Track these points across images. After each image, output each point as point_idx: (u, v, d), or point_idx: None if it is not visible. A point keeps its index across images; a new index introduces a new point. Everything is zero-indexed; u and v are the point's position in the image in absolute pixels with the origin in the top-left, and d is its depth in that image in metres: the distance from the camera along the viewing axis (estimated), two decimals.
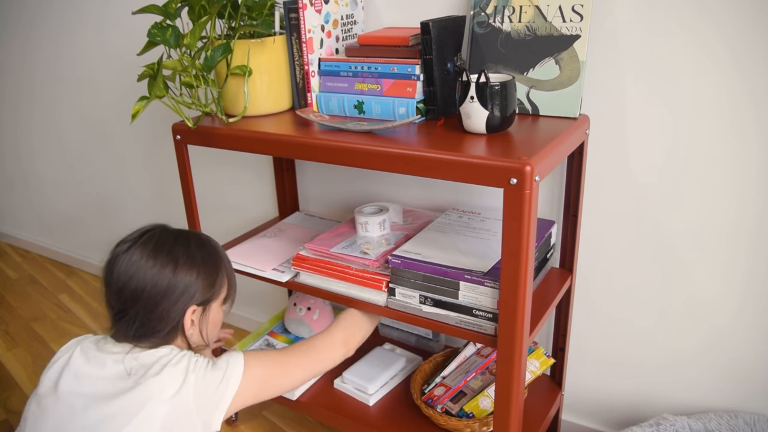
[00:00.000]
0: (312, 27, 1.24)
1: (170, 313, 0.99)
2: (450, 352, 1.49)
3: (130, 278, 0.97)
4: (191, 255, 1.02)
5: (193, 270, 1.01)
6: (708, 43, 1.09)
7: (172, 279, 0.98)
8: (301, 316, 1.58)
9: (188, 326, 1.02)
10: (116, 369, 0.96)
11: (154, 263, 0.98)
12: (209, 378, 0.98)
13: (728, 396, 1.29)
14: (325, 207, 1.72)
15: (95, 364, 0.97)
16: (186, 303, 1.00)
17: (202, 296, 1.03)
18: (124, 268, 0.98)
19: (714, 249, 1.21)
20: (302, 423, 1.69)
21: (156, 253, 0.99)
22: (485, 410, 1.29)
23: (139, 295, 0.97)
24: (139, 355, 0.97)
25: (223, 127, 1.25)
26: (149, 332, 0.99)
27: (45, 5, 2.24)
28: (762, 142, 1.11)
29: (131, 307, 0.98)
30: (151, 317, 0.98)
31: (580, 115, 1.16)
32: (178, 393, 0.93)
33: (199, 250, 1.04)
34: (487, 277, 1.07)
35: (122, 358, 0.96)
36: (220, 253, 1.09)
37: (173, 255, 1.00)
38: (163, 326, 0.99)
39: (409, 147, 1.02)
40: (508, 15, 1.18)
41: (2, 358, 2.10)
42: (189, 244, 1.03)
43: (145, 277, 0.97)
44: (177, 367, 0.96)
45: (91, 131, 2.35)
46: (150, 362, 0.96)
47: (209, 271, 1.04)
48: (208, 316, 1.06)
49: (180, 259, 1.00)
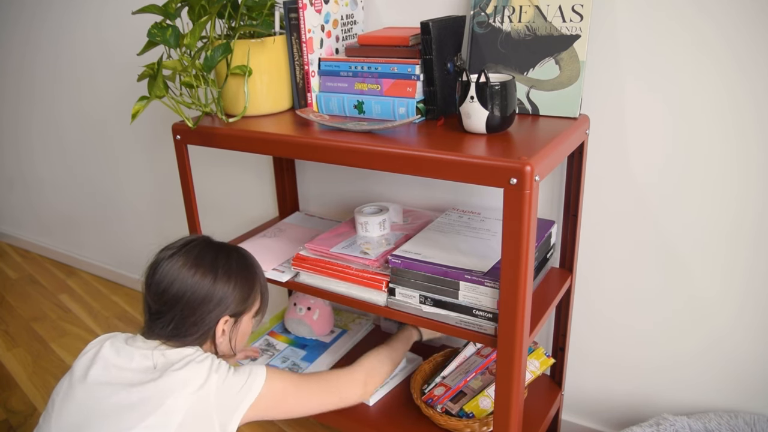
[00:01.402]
0: (312, 27, 1.24)
1: (204, 320, 1.04)
2: (450, 352, 1.49)
3: (171, 283, 1.02)
4: (230, 268, 1.07)
5: (230, 282, 1.06)
6: (708, 43, 1.09)
7: (211, 289, 1.04)
8: (301, 316, 1.58)
9: (219, 335, 1.07)
10: (144, 363, 1.00)
11: (196, 272, 1.03)
12: (231, 380, 1.01)
13: (728, 396, 1.29)
14: (325, 207, 1.72)
15: (124, 357, 1.01)
16: (220, 313, 1.05)
17: (235, 308, 1.08)
18: (167, 272, 1.03)
19: (714, 249, 1.21)
20: (302, 423, 1.69)
21: (198, 262, 1.04)
22: (485, 410, 1.29)
23: (178, 300, 1.02)
24: (165, 351, 1.02)
25: (223, 127, 1.25)
26: (181, 334, 1.04)
27: (45, 5, 2.24)
28: (762, 142, 1.11)
29: (169, 310, 1.03)
30: (186, 322, 1.03)
31: (580, 115, 1.16)
32: (201, 389, 0.97)
33: (238, 264, 1.09)
34: (487, 277, 1.07)
35: (150, 354, 1.01)
36: (256, 269, 1.14)
37: (214, 266, 1.05)
38: (195, 331, 1.04)
39: (409, 147, 1.02)
40: (508, 15, 1.18)
41: (2, 358, 2.10)
42: (230, 257, 1.09)
43: (185, 283, 1.02)
44: (201, 364, 1.00)
45: (91, 131, 2.35)
46: (175, 359, 1.00)
47: (245, 285, 1.09)
48: (239, 327, 1.11)
49: (219, 271, 1.05)
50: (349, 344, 1.62)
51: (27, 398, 1.88)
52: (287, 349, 1.61)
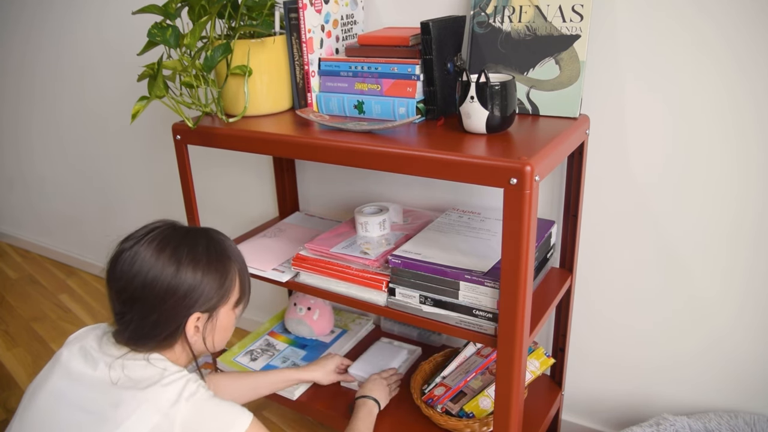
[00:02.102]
0: (312, 27, 1.24)
1: (168, 319, 0.91)
2: (450, 352, 1.49)
3: (132, 277, 0.90)
4: (196, 254, 0.93)
5: (197, 271, 0.92)
6: (708, 43, 1.09)
7: (173, 280, 0.90)
8: (301, 316, 1.58)
9: (191, 334, 0.94)
10: (105, 374, 0.90)
11: (156, 261, 0.90)
12: (205, 413, 0.88)
13: (728, 396, 1.29)
14: (325, 207, 1.72)
15: (90, 364, 0.93)
16: (188, 309, 0.92)
17: (207, 302, 0.94)
18: (127, 266, 0.90)
19: (714, 249, 1.21)
20: (302, 423, 1.69)
21: (160, 250, 0.91)
22: (485, 410, 1.29)
23: (138, 296, 0.90)
24: (126, 364, 0.91)
25: (223, 127, 1.25)
26: (143, 337, 0.92)
27: (46, 5, 2.24)
28: (762, 142, 1.11)
29: (129, 308, 0.91)
30: (146, 322, 0.91)
31: (580, 115, 1.16)
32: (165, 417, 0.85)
33: (207, 250, 0.95)
34: (487, 277, 1.07)
35: (112, 363, 0.91)
36: (230, 254, 0.99)
37: (177, 253, 0.91)
38: (158, 332, 0.92)
39: (409, 147, 1.02)
40: (508, 15, 1.18)
41: (2, 358, 2.10)
42: (196, 243, 0.94)
43: (146, 276, 0.89)
44: (167, 389, 0.88)
45: (91, 131, 2.35)
46: (137, 377, 0.90)
47: (217, 273, 0.95)
48: (215, 322, 0.97)
49: (184, 258, 0.91)
50: (349, 344, 1.62)
51: None
52: (287, 349, 1.61)
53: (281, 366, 1.54)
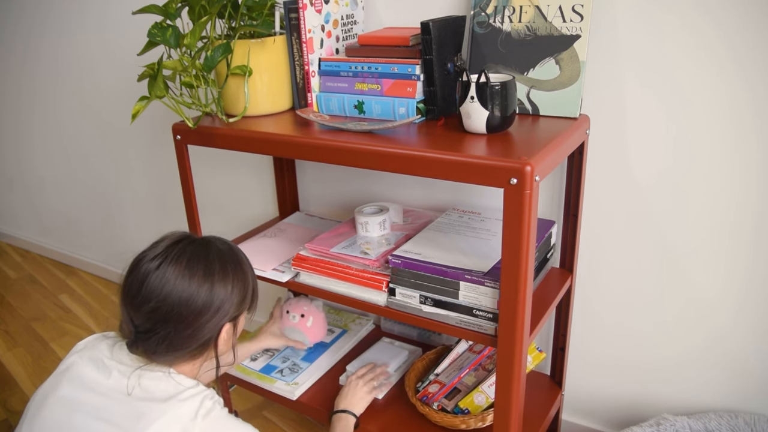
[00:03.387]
0: (312, 27, 1.24)
1: (201, 331, 0.94)
2: (442, 350, 1.49)
3: (164, 298, 0.91)
4: (226, 270, 0.96)
5: (227, 286, 0.96)
6: (709, 43, 1.09)
7: (208, 297, 0.93)
8: (295, 323, 1.55)
9: (222, 345, 0.98)
10: (120, 382, 0.92)
11: (191, 281, 0.92)
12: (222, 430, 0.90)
13: (728, 396, 1.29)
14: (325, 207, 1.72)
15: (102, 372, 0.94)
16: (219, 320, 0.95)
17: (235, 312, 0.98)
18: (157, 286, 0.91)
19: (715, 249, 1.21)
20: (302, 423, 1.69)
21: (192, 269, 0.93)
22: (480, 406, 1.29)
23: (172, 316, 0.91)
24: (144, 375, 0.92)
25: (223, 127, 1.25)
26: (176, 349, 0.94)
27: (46, 5, 2.24)
28: (762, 141, 1.11)
29: (162, 327, 0.92)
30: (181, 336, 0.93)
31: (580, 115, 1.16)
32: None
33: (232, 263, 0.98)
34: (487, 277, 1.07)
35: (129, 373, 0.92)
36: (246, 264, 1.03)
37: (209, 271, 0.94)
38: (192, 343, 0.94)
39: (409, 147, 1.02)
40: (508, 15, 1.18)
41: (2, 358, 2.10)
42: (222, 258, 0.97)
43: (181, 296, 0.91)
44: (184, 404, 0.89)
45: (91, 131, 2.35)
46: (154, 390, 0.91)
47: (241, 286, 0.99)
48: (237, 329, 1.02)
49: (216, 276, 0.94)
50: (349, 344, 1.62)
51: (27, 398, 1.87)
52: (287, 349, 1.61)
53: (281, 366, 1.54)
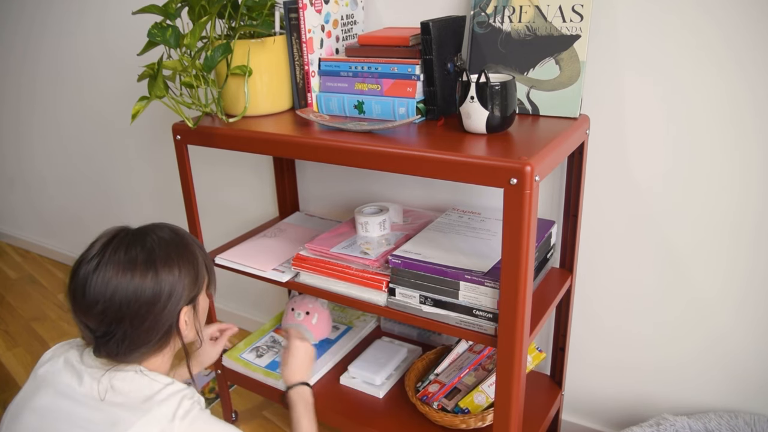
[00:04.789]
0: (312, 27, 1.24)
1: (159, 322, 0.92)
2: (442, 350, 1.49)
3: (110, 298, 0.88)
4: (168, 254, 0.93)
5: (173, 270, 0.92)
6: (709, 44, 1.09)
7: (156, 286, 0.90)
8: (300, 321, 1.56)
9: (183, 329, 0.96)
10: (93, 388, 0.90)
11: (133, 274, 0.89)
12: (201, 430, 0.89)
13: (728, 396, 1.29)
14: (325, 207, 1.72)
15: (75, 376, 0.92)
16: (175, 306, 0.93)
17: (189, 294, 0.96)
18: (99, 287, 0.88)
19: (715, 248, 1.21)
20: None
21: (131, 261, 0.90)
22: (480, 405, 1.29)
23: (125, 313, 0.89)
24: (115, 376, 0.91)
25: (223, 127, 1.25)
26: (140, 345, 0.92)
27: (46, 5, 2.24)
28: (763, 141, 1.11)
29: (117, 327, 0.89)
30: (140, 331, 0.90)
31: (580, 115, 1.16)
32: None
33: (173, 246, 0.95)
34: (487, 277, 1.07)
35: (99, 376, 0.91)
36: (190, 241, 1.00)
37: (150, 260, 0.91)
38: (153, 336, 0.92)
39: (409, 147, 1.02)
40: (508, 15, 1.18)
41: (2, 358, 2.10)
42: (161, 241, 0.94)
43: (127, 291, 0.88)
44: (162, 405, 0.88)
45: (91, 131, 2.35)
46: (126, 390, 0.90)
47: (190, 266, 0.96)
48: (198, 310, 1.00)
49: (158, 262, 0.91)
50: (353, 341, 1.62)
51: None
52: None
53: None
